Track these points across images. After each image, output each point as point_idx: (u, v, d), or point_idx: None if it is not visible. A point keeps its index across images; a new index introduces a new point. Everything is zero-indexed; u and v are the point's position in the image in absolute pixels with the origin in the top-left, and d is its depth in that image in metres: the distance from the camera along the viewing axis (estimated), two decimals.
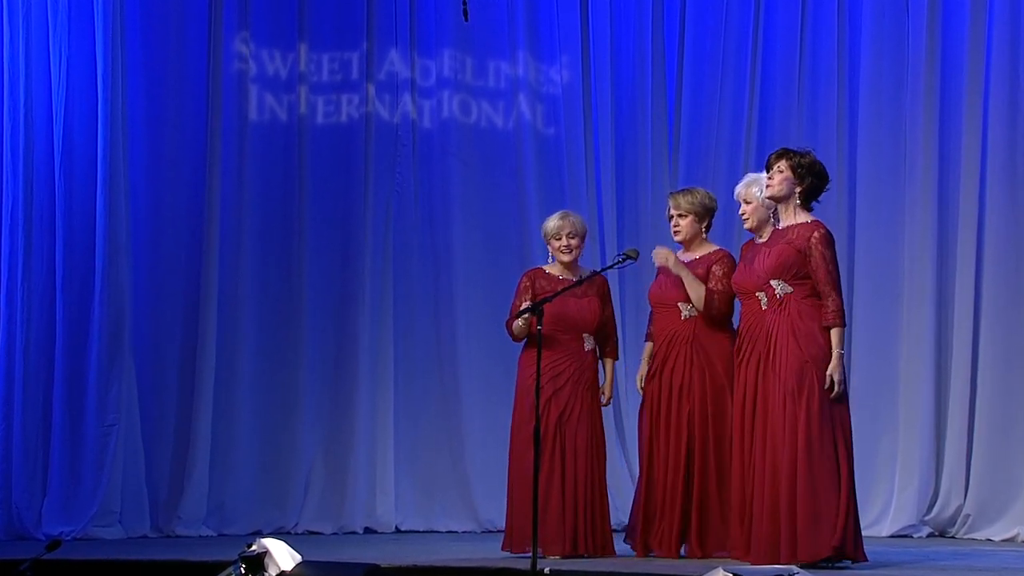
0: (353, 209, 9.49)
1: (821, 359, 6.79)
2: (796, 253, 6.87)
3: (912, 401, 9.11)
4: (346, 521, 9.29)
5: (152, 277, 9.15)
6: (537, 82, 9.61)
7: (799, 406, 6.77)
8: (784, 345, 6.85)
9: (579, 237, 7.60)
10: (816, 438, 6.75)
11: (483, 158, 9.59)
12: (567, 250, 7.56)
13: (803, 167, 6.91)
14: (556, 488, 7.35)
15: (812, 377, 6.80)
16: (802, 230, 6.88)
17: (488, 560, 7.33)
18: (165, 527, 8.98)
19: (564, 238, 7.55)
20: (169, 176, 9.18)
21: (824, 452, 6.74)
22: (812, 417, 6.74)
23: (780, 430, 6.82)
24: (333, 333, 9.43)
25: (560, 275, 7.64)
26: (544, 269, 7.69)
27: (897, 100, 9.24)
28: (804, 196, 6.95)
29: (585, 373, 7.59)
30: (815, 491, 6.74)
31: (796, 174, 6.91)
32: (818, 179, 6.97)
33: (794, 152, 6.98)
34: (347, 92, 9.51)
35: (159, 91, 9.15)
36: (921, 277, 9.15)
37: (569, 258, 7.57)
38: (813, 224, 6.89)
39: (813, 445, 6.74)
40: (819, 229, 6.86)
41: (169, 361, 9.16)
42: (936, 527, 9.06)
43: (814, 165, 6.95)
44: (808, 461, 6.74)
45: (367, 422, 9.38)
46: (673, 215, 7.63)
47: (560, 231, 7.55)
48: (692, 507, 7.35)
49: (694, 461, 7.37)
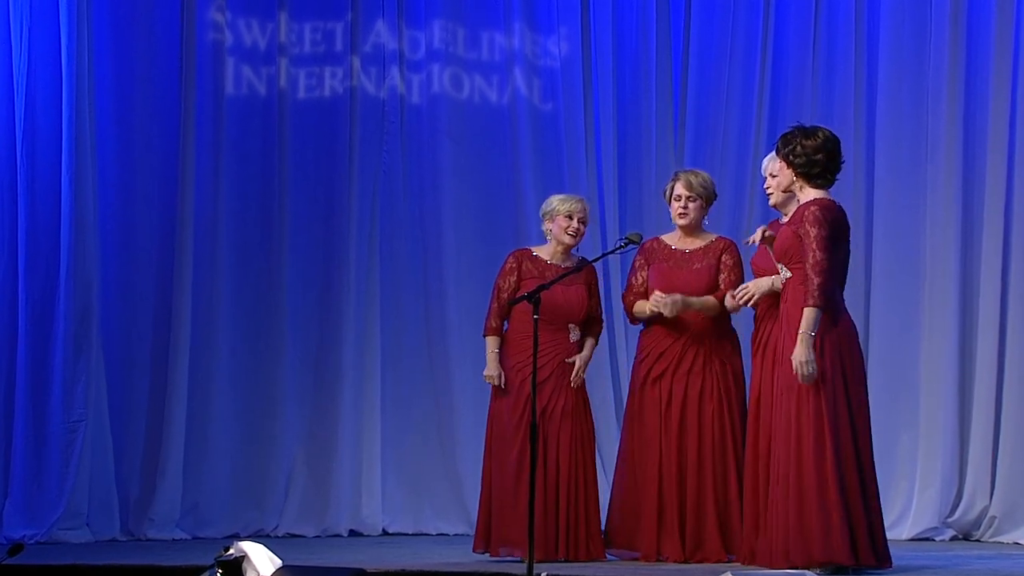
0: (337, 191, 9.48)
1: (816, 353, 6.78)
2: (793, 235, 6.90)
3: (934, 394, 9.12)
4: (330, 523, 9.31)
5: (122, 262, 9.15)
6: (534, 55, 9.62)
7: (802, 402, 6.80)
8: (784, 335, 6.90)
9: (586, 224, 7.65)
10: (816, 436, 6.75)
11: (476, 136, 9.59)
12: (574, 233, 7.59)
13: (794, 154, 6.93)
14: (537, 488, 7.28)
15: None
16: (801, 210, 6.91)
17: (481, 565, 7.37)
18: (136, 530, 8.98)
19: (576, 221, 7.58)
20: (139, 154, 9.16)
21: (827, 452, 6.74)
22: (809, 414, 6.77)
23: (782, 426, 6.87)
24: (316, 323, 9.45)
25: (549, 259, 7.65)
26: (532, 251, 7.70)
27: (919, 73, 9.26)
28: (805, 178, 6.95)
29: (569, 366, 7.59)
30: (816, 493, 6.74)
31: (789, 163, 6.96)
32: (813, 156, 6.91)
33: (785, 140, 6.98)
34: (330, 65, 9.51)
35: (128, 63, 9.14)
36: (944, 264, 9.17)
37: (573, 242, 7.60)
38: (812, 201, 6.90)
39: (812, 443, 6.75)
40: (812, 206, 6.87)
41: (140, 352, 9.15)
42: (960, 530, 9.07)
43: (804, 145, 6.92)
44: (814, 460, 6.74)
45: (352, 417, 9.39)
46: (682, 195, 7.60)
47: (572, 212, 7.57)
48: (688, 510, 7.43)
49: (705, 463, 7.43)
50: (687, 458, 7.45)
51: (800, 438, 6.80)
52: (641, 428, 7.54)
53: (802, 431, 6.79)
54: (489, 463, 7.61)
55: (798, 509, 6.78)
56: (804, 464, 6.78)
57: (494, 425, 7.60)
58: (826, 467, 6.73)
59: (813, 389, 6.77)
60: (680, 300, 7.42)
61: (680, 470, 7.44)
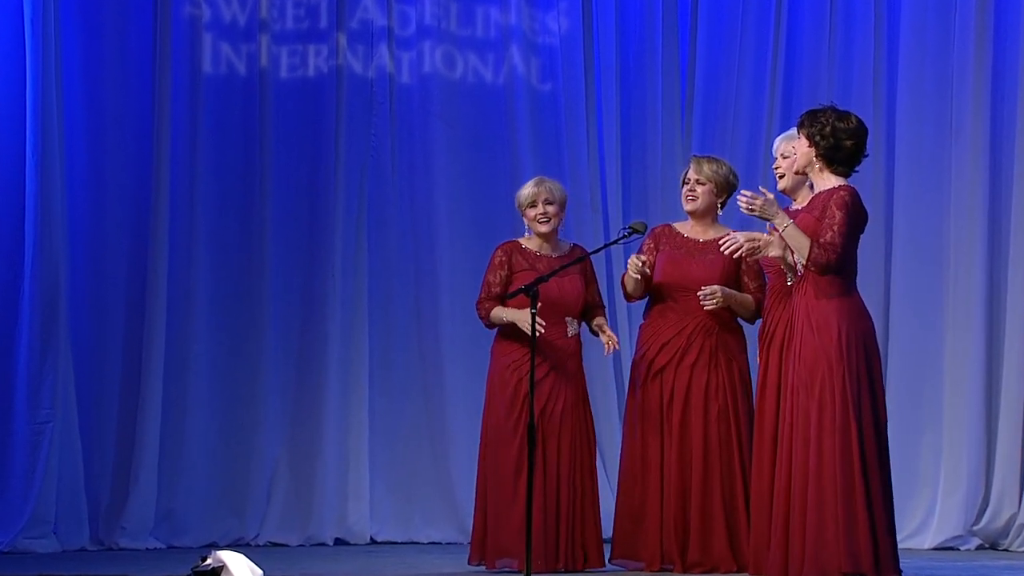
0: (321, 177, 9.43)
1: (835, 351, 6.71)
2: (815, 222, 6.82)
3: (959, 394, 9.11)
4: (314, 531, 9.29)
5: (92, 252, 9.10)
6: (532, 31, 9.60)
7: (811, 402, 6.73)
8: (800, 331, 6.83)
9: (557, 204, 7.60)
10: (829, 439, 6.66)
11: (469, 119, 9.58)
12: (544, 218, 7.57)
13: (822, 134, 6.86)
14: (537, 494, 7.30)
15: (824, 372, 6.71)
16: (825, 196, 6.87)
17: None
18: (106, 538, 8.95)
19: (540, 205, 7.56)
20: (110, 138, 9.12)
21: (840, 455, 6.65)
22: (824, 416, 6.68)
23: (800, 428, 6.77)
24: (299, 317, 9.43)
25: (538, 250, 7.64)
26: (520, 243, 7.70)
27: (943, 50, 9.25)
28: (827, 161, 6.89)
29: (567, 363, 7.57)
30: (825, 501, 6.65)
31: (813, 142, 6.88)
32: (843, 140, 6.85)
33: (814, 117, 6.89)
34: (315, 42, 9.48)
35: (97, 40, 9.11)
36: (969, 253, 9.16)
37: (547, 228, 7.57)
38: (836, 187, 6.87)
39: (824, 446, 6.66)
40: (841, 190, 6.83)
41: (111, 348, 9.11)
42: (986, 538, 9.06)
43: (836, 127, 6.85)
44: (819, 465, 6.66)
45: (338, 418, 9.36)
46: (691, 179, 7.60)
47: (536, 198, 7.56)
48: (692, 515, 7.42)
49: (711, 467, 7.40)
50: (691, 460, 7.41)
51: (821, 440, 6.68)
52: (642, 428, 7.50)
53: (823, 432, 6.68)
54: (485, 467, 7.58)
55: (818, 517, 6.65)
56: (805, 467, 6.69)
57: (489, 426, 7.57)
58: (853, 471, 6.61)
59: (817, 392, 6.67)
60: (722, 292, 7.43)
61: (683, 473, 7.42)
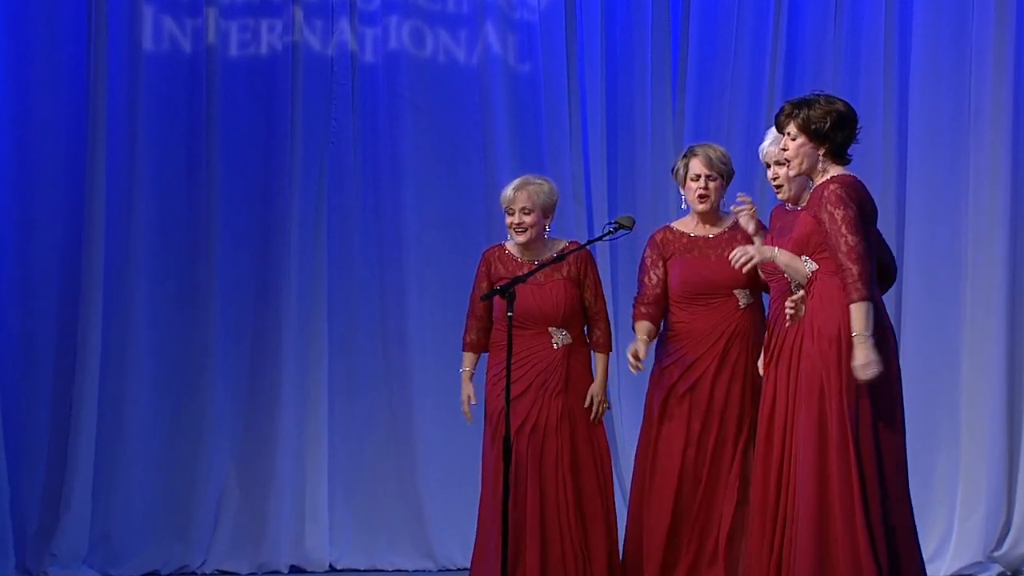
0: (276, 168, 9.25)
1: (834, 361, 6.46)
2: (814, 220, 6.54)
3: (977, 410, 9.10)
4: (267, 558, 9.12)
5: (18, 253, 8.96)
6: (508, 6, 9.43)
7: (809, 416, 6.47)
8: (805, 336, 6.57)
9: (538, 211, 7.33)
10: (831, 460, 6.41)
11: (440, 102, 9.40)
12: (520, 229, 7.34)
13: (818, 121, 6.56)
14: (533, 518, 7.18)
15: (825, 387, 6.47)
16: (818, 191, 6.59)
17: None
18: (35, 567, 8.79)
19: (517, 214, 7.32)
20: (40, 119, 8.95)
21: (842, 478, 6.41)
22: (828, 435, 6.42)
23: (801, 440, 6.51)
24: (251, 323, 9.26)
25: (520, 256, 7.44)
26: (505, 247, 7.53)
27: (960, 28, 9.19)
28: (835, 155, 6.61)
29: (553, 376, 7.33)
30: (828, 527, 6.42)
31: (814, 135, 6.58)
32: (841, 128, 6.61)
33: (800, 105, 6.62)
34: (268, 16, 9.27)
35: (23, 11, 8.91)
36: (989, 253, 9.13)
37: (524, 238, 7.35)
38: (828, 180, 6.56)
39: (829, 468, 6.41)
40: (831, 184, 6.53)
41: (41, 359, 8.96)
42: (1007, 565, 9.04)
43: (831, 112, 6.58)
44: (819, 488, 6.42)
45: (293, 435, 9.23)
46: (701, 175, 7.26)
47: (512, 204, 7.33)
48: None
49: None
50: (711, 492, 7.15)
51: (825, 451, 6.43)
52: (662, 455, 7.23)
53: (828, 442, 6.42)
54: (487, 496, 7.40)
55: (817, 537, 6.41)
56: (830, 481, 6.42)
57: (490, 452, 7.35)
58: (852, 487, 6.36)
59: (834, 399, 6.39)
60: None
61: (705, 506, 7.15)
